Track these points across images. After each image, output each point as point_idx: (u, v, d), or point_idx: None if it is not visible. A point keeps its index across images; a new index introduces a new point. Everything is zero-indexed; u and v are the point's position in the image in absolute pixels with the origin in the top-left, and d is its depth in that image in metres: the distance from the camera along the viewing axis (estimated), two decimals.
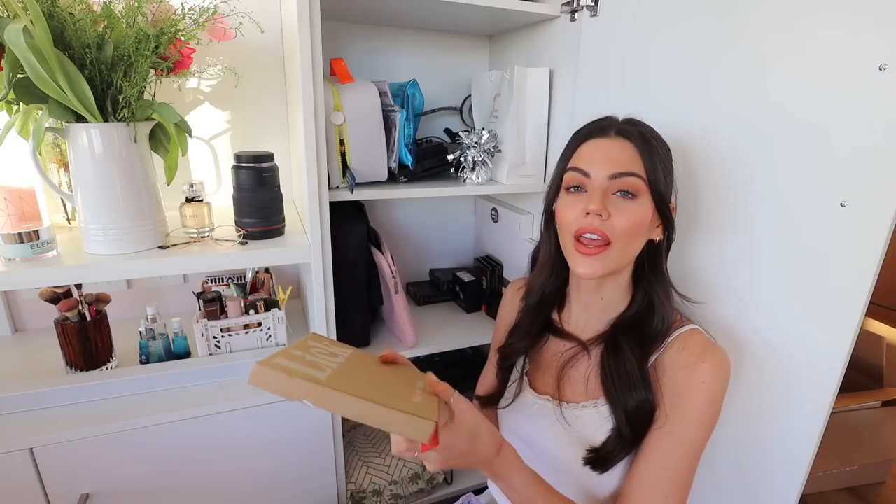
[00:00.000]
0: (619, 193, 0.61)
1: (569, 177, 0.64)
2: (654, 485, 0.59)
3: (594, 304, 0.70)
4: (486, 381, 0.85)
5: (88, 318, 0.87)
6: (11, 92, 0.69)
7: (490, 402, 0.78)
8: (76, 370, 0.89)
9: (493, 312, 1.25)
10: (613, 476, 0.64)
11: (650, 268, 0.67)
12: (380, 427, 0.45)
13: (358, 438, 1.20)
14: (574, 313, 0.73)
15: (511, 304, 0.83)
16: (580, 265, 0.63)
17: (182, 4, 0.79)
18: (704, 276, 0.76)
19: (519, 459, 0.58)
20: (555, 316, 0.76)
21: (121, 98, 0.72)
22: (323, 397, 0.44)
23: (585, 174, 0.62)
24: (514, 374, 0.77)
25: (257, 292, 1.04)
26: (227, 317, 0.95)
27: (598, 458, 0.63)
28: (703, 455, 0.78)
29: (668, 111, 0.79)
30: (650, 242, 0.66)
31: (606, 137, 0.63)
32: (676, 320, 0.66)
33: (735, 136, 0.69)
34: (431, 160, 1.08)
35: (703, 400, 0.59)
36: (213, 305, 0.94)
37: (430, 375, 0.56)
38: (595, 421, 0.65)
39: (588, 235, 0.61)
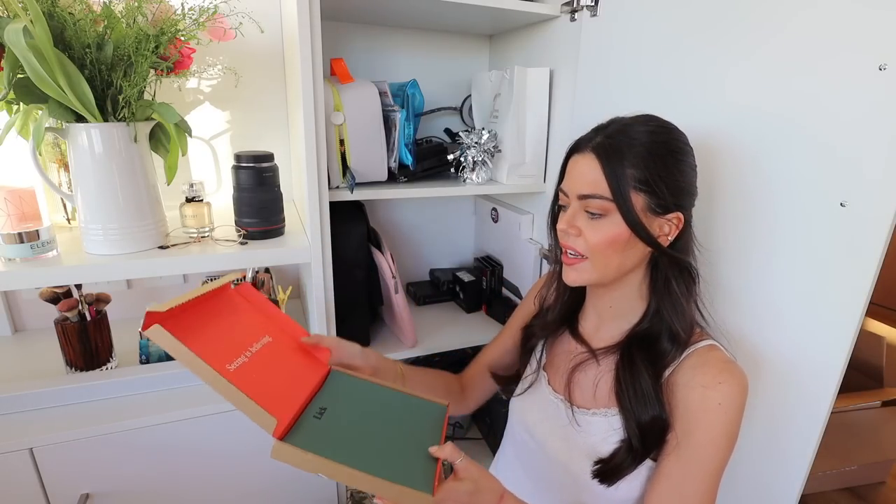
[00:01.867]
0: (588, 212, 0.62)
1: (560, 195, 0.67)
2: None
3: (604, 310, 0.70)
4: (497, 349, 0.87)
5: (88, 318, 0.87)
6: (11, 92, 0.69)
7: (508, 382, 0.81)
8: (76, 370, 0.89)
9: (493, 312, 1.25)
10: (617, 490, 0.63)
11: (659, 280, 0.65)
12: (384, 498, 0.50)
13: None
14: (588, 317, 0.74)
15: (529, 298, 0.85)
16: (564, 274, 0.67)
17: (182, 4, 0.79)
18: (705, 276, 0.76)
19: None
20: (580, 315, 0.76)
21: (121, 98, 0.72)
22: (335, 474, 0.49)
23: (566, 194, 0.65)
24: (531, 366, 0.78)
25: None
26: None
27: (607, 471, 0.62)
28: None
29: (669, 111, 0.78)
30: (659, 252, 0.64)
31: (583, 154, 0.62)
32: (695, 334, 0.65)
33: (735, 136, 0.69)
34: (431, 160, 1.08)
35: (720, 423, 0.58)
36: None
37: (438, 450, 0.56)
38: (604, 430, 0.65)
39: (569, 251, 0.64)
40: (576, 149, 0.64)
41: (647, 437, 0.61)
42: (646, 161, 0.59)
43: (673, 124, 0.64)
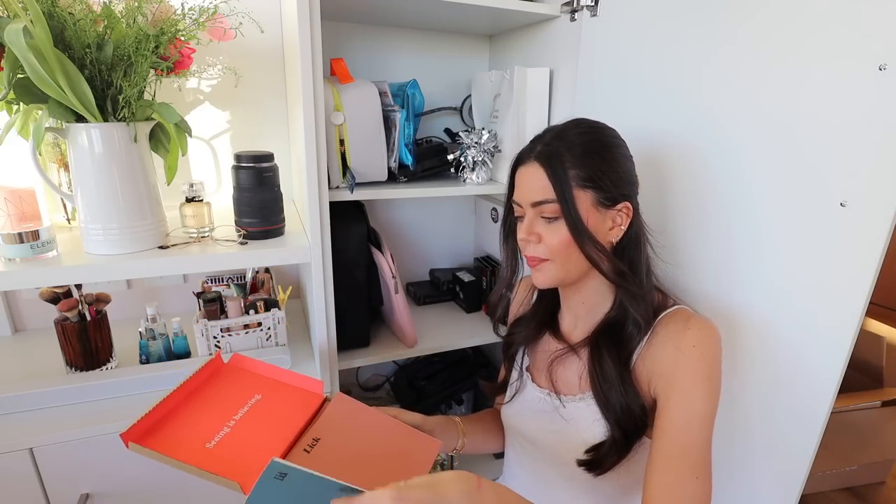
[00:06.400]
0: (542, 218, 0.64)
1: (514, 208, 0.69)
2: (681, 466, 0.57)
3: (578, 307, 0.72)
4: (503, 372, 0.88)
5: (88, 318, 0.87)
6: (11, 92, 0.69)
7: (497, 392, 0.82)
8: (76, 370, 0.89)
9: None
10: (618, 479, 0.64)
11: (614, 272, 0.67)
12: None
13: None
14: (565, 316, 0.76)
15: (516, 301, 0.85)
16: (532, 278, 0.69)
17: (182, 4, 0.79)
18: (702, 275, 0.76)
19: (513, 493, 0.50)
20: (559, 315, 0.77)
21: (121, 98, 0.72)
22: None
23: (519, 204, 0.67)
24: (514, 373, 0.79)
25: (257, 292, 1.04)
26: (227, 317, 0.95)
27: (593, 462, 0.64)
28: None
29: (668, 110, 0.79)
30: (616, 244, 0.66)
31: (527, 164, 0.65)
32: (658, 301, 0.68)
33: (735, 136, 0.69)
34: (431, 160, 1.08)
35: (700, 364, 0.60)
36: (213, 305, 0.94)
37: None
38: (591, 415, 0.66)
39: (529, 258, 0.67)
40: (520, 161, 0.67)
41: (624, 426, 0.62)
42: (584, 159, 0.62)
43: (602, 123, 0.67)
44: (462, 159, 1.04)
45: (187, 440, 0.56)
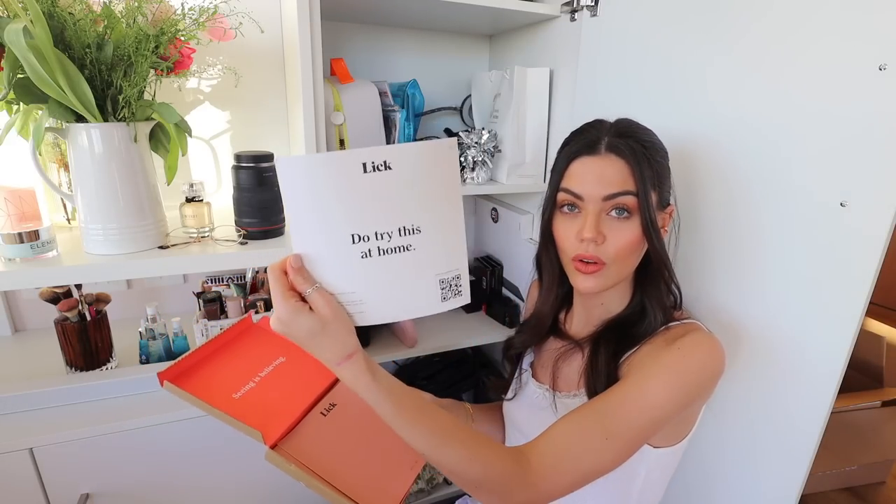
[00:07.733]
0: (613, 212, 0.61)
1: (561, 197, 0.64)
2: (598, 423, 0.55)
3: (595, 308, 0.71)
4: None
5: (88, 318, 0.87)
6: (11, 92, 0.69)
7: (500, 390, 0.82)
8: (76, 370, 0.89)
9: (492, 312, 1.25)
10: (606, 478, 0.64)
11: (646, 274, 0.67)
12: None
13: None
14: (576, 316, 0.75)
15: (531, 302, 0.86)
16: (581, 283, 0.64)
17: (182, 4, 0.79)
18: (703, 276, 0.76)
19: (378, 368, 0.52)
20: (561, 316, 0.78)
21: (121, 98, 0.72)
22: (311, 486, 0.56)
23: (578, 196, 0.61)
24: (519, 370, 0.80)
25: (257, 292, 1.04)
26: (227, 317, 0.95)
27: None
28: (702, 454, 0.79)
29: (668, 111, 0.79)
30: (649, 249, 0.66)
31: (597, 155, 0.61)
32: (674, 317, 0.67)
33: (735, 136, 0.69)
34: None
35: (673, 360, 0.57)
36: (213, 305, 0.94)
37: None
38: None
39: (585, 260, 0.62)
40: (584, 151, 0.62)
41: None
42: (651, 159, 0.61)
43: None
44: (462, 159, 1.04)
45: (217, 388, 0.59)
